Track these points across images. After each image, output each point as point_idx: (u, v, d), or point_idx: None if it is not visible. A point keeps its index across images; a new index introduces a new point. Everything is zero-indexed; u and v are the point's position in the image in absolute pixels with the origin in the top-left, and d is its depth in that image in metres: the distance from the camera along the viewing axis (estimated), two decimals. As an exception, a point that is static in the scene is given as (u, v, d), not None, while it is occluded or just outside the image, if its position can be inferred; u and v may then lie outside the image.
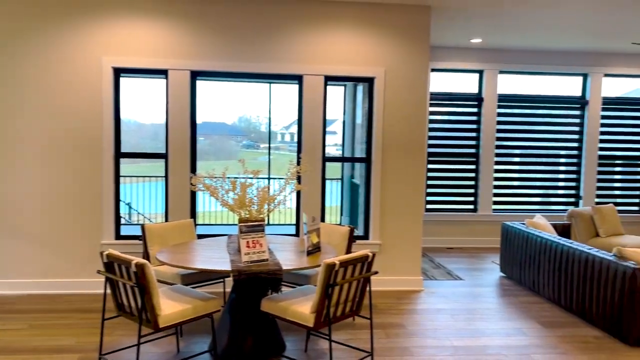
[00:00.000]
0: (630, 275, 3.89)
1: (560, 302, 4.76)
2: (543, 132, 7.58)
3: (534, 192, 7.71)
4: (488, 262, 6.58)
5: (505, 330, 4.21)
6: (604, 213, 6.37)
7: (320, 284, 3.08)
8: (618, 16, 5.25)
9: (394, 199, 5.22)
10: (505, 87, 7.48)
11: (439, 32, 6.23)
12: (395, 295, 5.07)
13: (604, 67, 7.43)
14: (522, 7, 5.01)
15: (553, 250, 4.87)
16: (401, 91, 5.15)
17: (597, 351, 3.83)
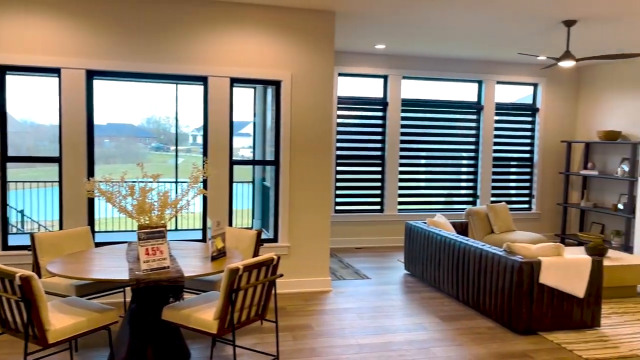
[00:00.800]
0: (518, 269, 4.20)
1: (458, 296, 5.04)
2: (443, 135, 8.00)
3: (437, 193, 8.11)
4: (394, 260, 6.82)
5: (407, 326, 4.38)
6: (498, 211, 6.83)
7: (223, 289, 3.03)
8: (505, 28, 5.66)
9: (303, 201, 5.27)
10: (408, 92, 7.81)
11: (344, 38, 6.38)
12: (303, 297, 5.11)
13: (496, 74, 7.98)
14: (420, 17, 5.25)
15: (451, 247, 5.14)
16: (308, 95, 5.20)
17: (490, 341, 4.09)
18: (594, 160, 7.95)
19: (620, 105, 7.53)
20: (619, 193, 7.51)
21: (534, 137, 8.32)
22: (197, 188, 3.69)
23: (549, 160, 8.33)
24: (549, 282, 4.21)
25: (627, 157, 7.26)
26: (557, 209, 8.42)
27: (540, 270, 4.20)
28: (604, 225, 7.77)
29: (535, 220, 8.35)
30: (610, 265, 5.19)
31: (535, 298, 4.21)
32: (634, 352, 3.91)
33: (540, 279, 4.20)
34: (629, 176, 7.06)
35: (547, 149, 8.30)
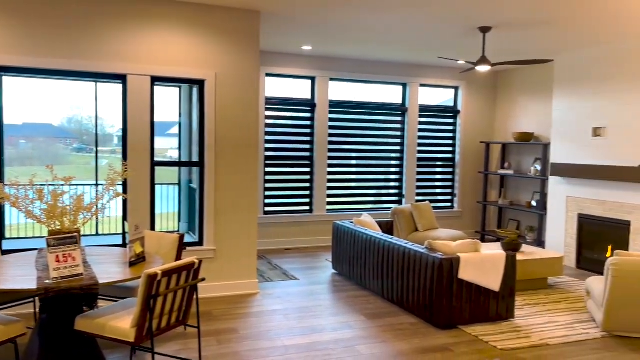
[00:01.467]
0: (438, 265, 4.35)
1: (383, 294, 5.15)
2: (370, 137, 8.15)
3: (364, 192, 8.25)
4: (322, 260, 6.87)
5: (333, 325, 4.42)
6: (422, 210, 7.05)
7: (140, 296, 2.92)
8: (425, 33, 5.85)
9: (229, 203, 5.19)
10: (336, 93, 7.90)
11: (271, 38, 6.35)
12: (230, 301, 5.03)
13: (420, 77, 8.24)
14: (345, 20, 5.32)
15: (376, 246, 5.25)
16: (233, 94, 5.13)
17: (412, 336, 4.21)
18: (510, 160, 8.39)
19: (533, 108, 7.99)
20: (532, 191, 7.97)
21: (455, 139, 8.67)
22: (113, 191, 3.54)
23: (470, 160, 8.71)
24: (467, 277, 4.39)
25: (539, 157, 7.72)
26: (477, 207, 8.81)
27: (459, 266, 4.38)
28: (519, 222, 8.22)
29: (457, 218, 8.70)
30: (524, 259, 5.49)
31: (455, 293, 4.38)
32: (544, 341, 4.15)
33: (459, 274, 4.37)
34: (541, 175, 7.51)
35: (468, 150, 8.67)
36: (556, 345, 4.08)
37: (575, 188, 6.75)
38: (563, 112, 6.91)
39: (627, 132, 6.05)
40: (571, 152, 6.78)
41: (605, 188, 6.33)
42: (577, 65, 6.70)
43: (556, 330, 4.39)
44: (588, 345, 4.11)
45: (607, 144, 6.31)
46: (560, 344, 4.12)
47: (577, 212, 6.74)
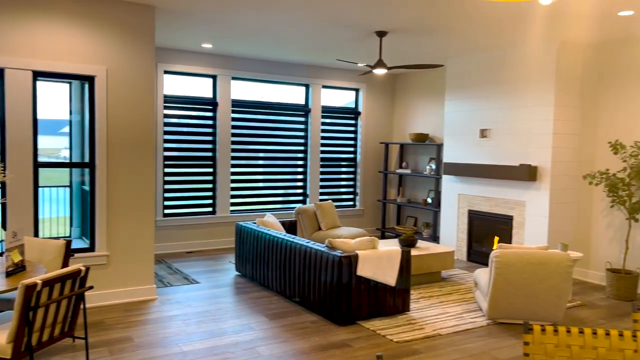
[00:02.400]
0: (338, 263, 4.44)
1: (286, 293, 5.17)
2: (275, 137, 8.15)
3: (269, 193, 8.23)
4: (226, 262, 6.76)
5: (234, 328, 4.36)
6: (325, 209, 7.17)
7: (17, 308, 2.70)
8: (325, 36, 5.96)
9: (123, 205, 4.94)
10: (238, 93, 7.80)
11: (169, 34, 6.14)
12: (125, 308, 4.79)
13: (322, 79, 8.38)
14: (243, 19, 5.27)
15: (278, 246, 5.25)
16: (127, 92, 4.89)
17: (313, 334, 4.26)
18: (408, 159, 8.78)
19: (428, 111, 8.42)
20: (428, 189, 8.40)
21: (357, 139, 8.91)
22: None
23: (370, 160, 9.00)
24: (365, 273, 4.52)
25: (434, 157, 8.15)
26: (377, 205, 9.12)
27: (358, 263, 4.50)
28: (417, 218, 8.62)
29: (359, 216, 8.95)
30: (419, 254, 5.76)
31: (354, 290, 4.49)
32: (437, 331, 4.38)
33: (358, 271, 4.49)
34: (435, 174, 7.93)
35: (368, 150, 8.95)
36: (447, 335, 4.32)
37: (465, 186, 7.20)
38: (454, 115, 7.34)
39: (510, 134, 6.56)
40: (462, 152, 7.23)
41: (491, 185, 6.82)
42: (466, 70, 7.16)
43: (447, 321, 4.65)
44: (475, 332, 4.40)
45: (492, 144, 6.79)
46: (450, 333, 4.37)
47: (467, 208, 7.19)
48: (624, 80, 5.83)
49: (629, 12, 4.72)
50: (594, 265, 6.14)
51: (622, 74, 5.84)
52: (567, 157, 6.21)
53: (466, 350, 4.02)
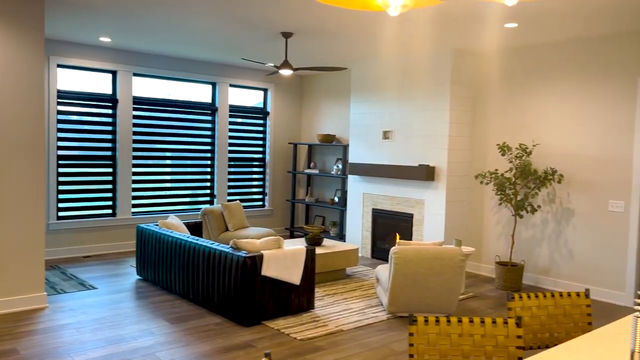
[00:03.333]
0: (242, 264, 4.41)
1: (190, 296, 5.05)
2: (181, 136, 7.93)
3: (175, 194, 8.00)
4: (127, 266, 6.48)
5: (133, 334, 4.19)
6: (232, 209, 7.09)
7: None
8: (231, 34, 5.90)
9: (8, 208, 4.57)
10: (141, 89, 7.51)
11: (63, 26, 5.77)
12: (11, 319, 4.44)
13: (229, 78, 8.28)
14: (141, 14, 5.08)
15: (181, 248, 5.12)
16: (9, 86, 4.54)
17: (216, 336, 4.20)
18: (316, 160, 8.91)
19: (334, 112, 8.60)
20: (335, 189, 8.58)
21: (265, 139, 8.90)
22: None
23: (279, 160, 9.03)
24: (270, 273, 4.53)
25: (340, 157, 8.35)
26: (286, 205, 9.18)
27: (263, 263, 4.50)
28: (324, 217, 8.78)
29: (269, 216, 8.95)
30: (324, 252, 5.87)
31: (259, 290, 4.49)
32: (339, 327, 4.49)
33: (263, 271, 4.50)
34: (342, 174, 8.13)
35: (277, 150, 8.98)
36: (349, 330, 4.44)
37: (370, 185, 7.44)
38: (358, 116, 7.57)
39: (410, 136, 6.87)
40: (366, 153, 7.46)
41: (394, 185, 7.10)
42: (369, 74, 7.40)
43: (350, 316, 4.78)
44: (376, 327, 4.56)
45: (394, 146, 7.08)
46: (352, 328, 4.50)
47: (371, 207, 7.44)
48: (510, 87, 6.31)
49: (514, 24, 5.12)
50: (486, 259, 6.60)
51: (509, 81, 6.32)
52: (461, 158, 6.62)
53: (367, 344, 4.16)
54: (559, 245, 5.90)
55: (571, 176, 5.78)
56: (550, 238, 5.97)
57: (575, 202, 5.76)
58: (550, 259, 5.98)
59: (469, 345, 1.92)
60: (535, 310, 2.27)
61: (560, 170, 5.86)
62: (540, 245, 6.06)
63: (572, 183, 5.78)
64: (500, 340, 1.91)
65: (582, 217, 5.70)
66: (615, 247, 5.45)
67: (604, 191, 5.53)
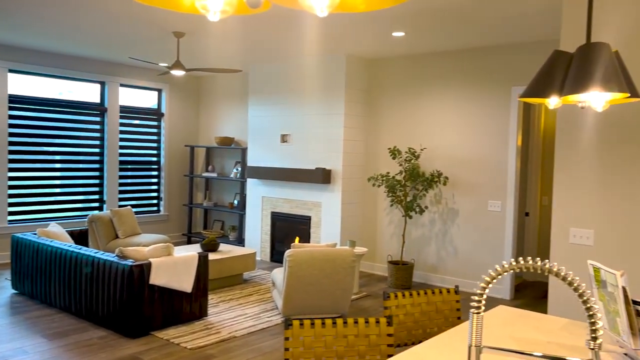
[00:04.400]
0: (129, 273, 4.20)
1: (72, 310, 4.72)
2: (66, 138, 7.41)
3: (58, 200, 7.45)
4: (1, 280, 5.93)
5: (3, 354, 3.83)
6: (122, 215, 6.74)
7: None
8: (120, 32, 5.61)
9: None
10: (18, 87, 6.92)
11: None
12: None
13: (120, 77, 7.88)
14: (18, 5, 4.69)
15: (63, 258, 4.78)
16: None
17: (99, 351, 3.95)
18: (214, 163, 8.74)
19: (233, 114, 8.49)
20: (234, 192, 8.46)
21: (160, 142, 8.58)
22: None
23: (175, 163, 8.74)
24: (159, 281, 4.35)
25: (239, 160, 8.25)
26: (184, 210, 8.90)
27: (151, 272, 4.31)
28: (224, 222, 8.62)
29: (164, 221, 8.63)
30: (220, 258, 5.76)
31: (147, 299, 4.30)
32: (232, 334, 4.42)
33: (151, 279, 4.31)
34: (241, 177, 8.03)
35: (173, 153, 8.69)
36: (242, 336, 4.39)
37: (268, 188, 7.42)
38: (257, 119, 7.52)
39: (307, 139, 6.94)
40: (265, 156, 7.43)
41: (292, 188, 7.14)
42: (267, 77, 7.39)
43: (244, 322, 4.73)
44: (270, 331, 4.54)
45: (292, 149, 7.12)
46: (246, 334, 4.44)
47: (270, 210, 7.42)
48: (401, 93, 6.60)
49: (401, 33, 5.35)
50: (379, 259, 6.83)
51: (400, 88, 6.60)
52: (355, 162, 6.81)
53: (260, 349, 4.12)
54: (445, 244, 6.25)
55: (456, 178, 6.15)
56: (438, 237, 6.31)
57: (459, 203, 6.13)
58: (438, 257, 6.31)
59: (343, 346, 1.95)
60: (409, 307, 2.37)
61: (446, 173, 6.22)
62: (429, 244, 6.38)
63: (456, 185, 6.15)
64: (373, 339, 1.97)
65: (466, 217, 6.08)
66: (494, 243, 5.87)
67: (484, 192, 5.94)
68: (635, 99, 1.68)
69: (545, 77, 1.72)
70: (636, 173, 3.28)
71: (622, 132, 3.33)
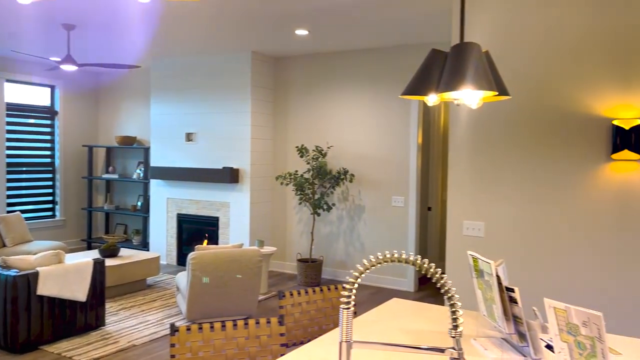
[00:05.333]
0: (12, 284, 3.86)
1: (-53, 327, 4.26)
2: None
3: None
4: None
5: None
6: (10, 222, 6.22)
7: None
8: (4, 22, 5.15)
9: None
10: None
11: None
12: None
13: (6, 72, 7.25)
14: None
15: None
16: None
17: (-22, 372, 3.60)
18: (115, 164, 8.30)
19: (135, 112, 8.11)
20: (137, 194, 8.08)
21: (54, 142, 8.00)
22: None
23: (72, 164, 8.20)
24: (49, 292, 4.04)
25: (142, 160, 7.89)
26: (82, 214, 8.37)
27: (38, 281, 3.99)
28: (127, 225, 8.22)
29: (60, 227, 8.07)
30: (121, 263, 5.47)
31: (34, 311, 3.97)
32: (132, 342, 4.20)
33: (39, 290, 3.99)
34: (144, 178, 7.69)
35: (69, 154, 8.14)
36: (143, 344, 4.18)
37: (174, 190, 7.16)
38: (160, 117, 7.23)
39: (214, 138, 6.78)
40: (169, 156, 7.17)
41: (198, 188, 6.94)
42: (171, 73, 7.12)
43: (146, 330, 4.51)
44: (173, 337, 4.36)
45: (198, 148, 6.92)
46: (147, 342, 4.24)
47: (176, 212, 7.16)
48: (308, 91, 6.62)
49: (304, 32, 5.36)
50: (290, 257, 6.82)
51: (307, 86, 6.63)
52: (264, 160, 6.75)
53: (161, 356, 3.95)
54: (353, 240, 6.36)
55: (361, 175, 6.28)
56: (346, 233, 6.41)
57: (365, 199, 6.27)
58: (346, 253, 6.41)
59: (232, 349, 1.89)
60: (305, 305, 2.36)
61: (352, 170, 6.33)
62: (337, 240, 6.47)
63: (362, 182, 6.28)
64: (264, 340, 1.93)
65: (371, 213, 6.23)
66: (398, 238, 6.06)
67: (388, 188, 6.11)
68: (505, 97, 1.77)
69: (424, 75, 1.77)
70: (522, 168, 3.50)
71: (507, 130, 3.55)
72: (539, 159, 3.45)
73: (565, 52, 3.35)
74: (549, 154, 3.43)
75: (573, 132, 3.37)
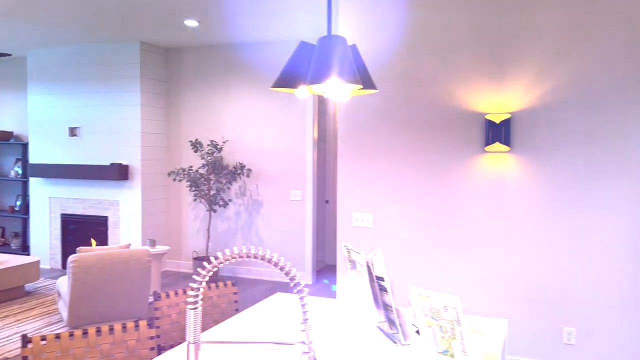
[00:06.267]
0: None
1: None
2: None
3: None
4: None
5: None
6: None
7: None
8: None
9: None
10: None
11: None
12: None
13: None
14: None
15: None
16: None
17: None
18: (-11, 161, 7.56)
19: (10, 105, 7.42)
20: (15, 194, 7.42)
21: None
22: None
23: (-64, 162, 7.35)
24: None
25: (20, 157, 7.25)
26: (-49, 217, 7.54)
27: None
28: (4, 228, 7.52)
29: None
30: (-8, 270, 4.99)
31: None
32: (4, 355, 3.84)
33: None
34: (22, 177, 7.07)
35: None
36: (16, 357, 3.84)
37: (57, 188, 6.65)
38: (40, 110, 6.68)
39: (101, 132, 6.37)
40: (51, 152, 6.64)
41: (85, 186, 6.50)
42: (51, 63, 6.59)
43: (20, 341, 4.14)
44: (52, 347, 4.05)
45: (83, 143, 6.47)
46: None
47: (60, 212, 6.66)
48: (203, 84, 6.43)
49: (194, 23, 5.18)
50: (185, 256, 6.61)
51: (201, 79, 6.43)
52: (156, 156, 6.46)
53: (37, 369, 3.64)
54: (251, 235, 6.29)
55: (259, 170, 6.22)
56: (244, 229, 6.32)
57: (263, 194, 6.21)
58: (244, 249, 6.32)
59: (96, 357, 1.77)
60: (182, 306, 2.27)
61: (249, 165, 6.24)
62: (235, 236, 6.36)
63: (259, 176, 6.22)
64: (132, 345, 1.82)
65: (270, 207, 6.19)
66: (297, 231, 6.08)
67: (285, 182, 6.11)
68: (372, 90, 1.80)
69: (292, 67, 1.75)
70: (406, 161, 3.63)
71: (391, 125, 3.66)
72: (422, 152, 3.60)
73: (438, 50, 3.51)
74: (431, 148, 3.59)
75: (454, 128, 3.55)
